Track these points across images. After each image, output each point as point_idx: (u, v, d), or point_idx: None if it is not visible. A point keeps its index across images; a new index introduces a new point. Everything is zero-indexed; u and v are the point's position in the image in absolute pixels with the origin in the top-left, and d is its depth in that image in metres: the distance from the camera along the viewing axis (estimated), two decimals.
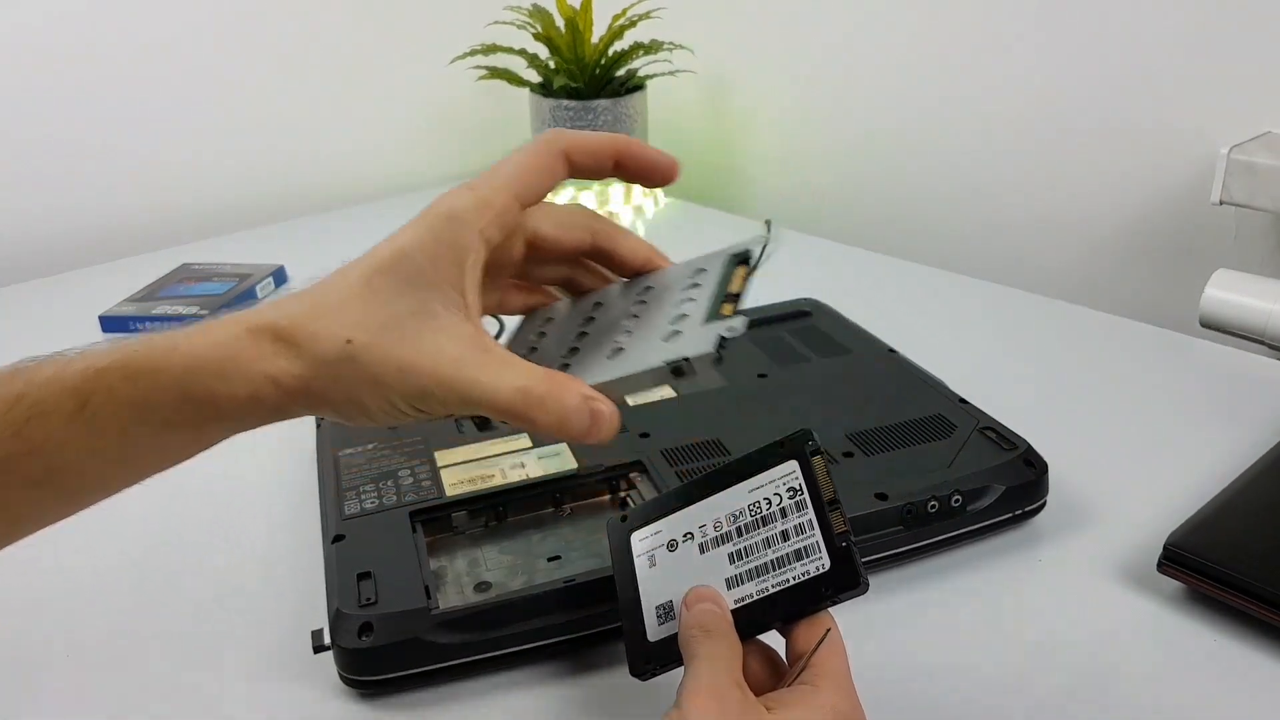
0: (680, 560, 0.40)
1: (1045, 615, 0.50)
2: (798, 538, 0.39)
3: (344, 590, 0.47)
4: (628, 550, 0.42)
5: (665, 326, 0.37)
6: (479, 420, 0.59)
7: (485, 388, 0.33)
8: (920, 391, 0.63)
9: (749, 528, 0.40)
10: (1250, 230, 0.88)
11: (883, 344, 0.71)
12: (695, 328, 0.36)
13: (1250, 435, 0.65)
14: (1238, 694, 0.45)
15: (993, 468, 0.54)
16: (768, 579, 0.38)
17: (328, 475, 0.57)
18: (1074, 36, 0.95)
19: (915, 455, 0.56)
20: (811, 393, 0.64)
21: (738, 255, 0.43)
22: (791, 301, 0.79)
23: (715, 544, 0.40)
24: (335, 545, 0.50)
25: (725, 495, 0.41)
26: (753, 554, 0.39)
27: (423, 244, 0.35)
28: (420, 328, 0.33)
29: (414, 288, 0.34)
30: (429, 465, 0.57)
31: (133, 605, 0.54)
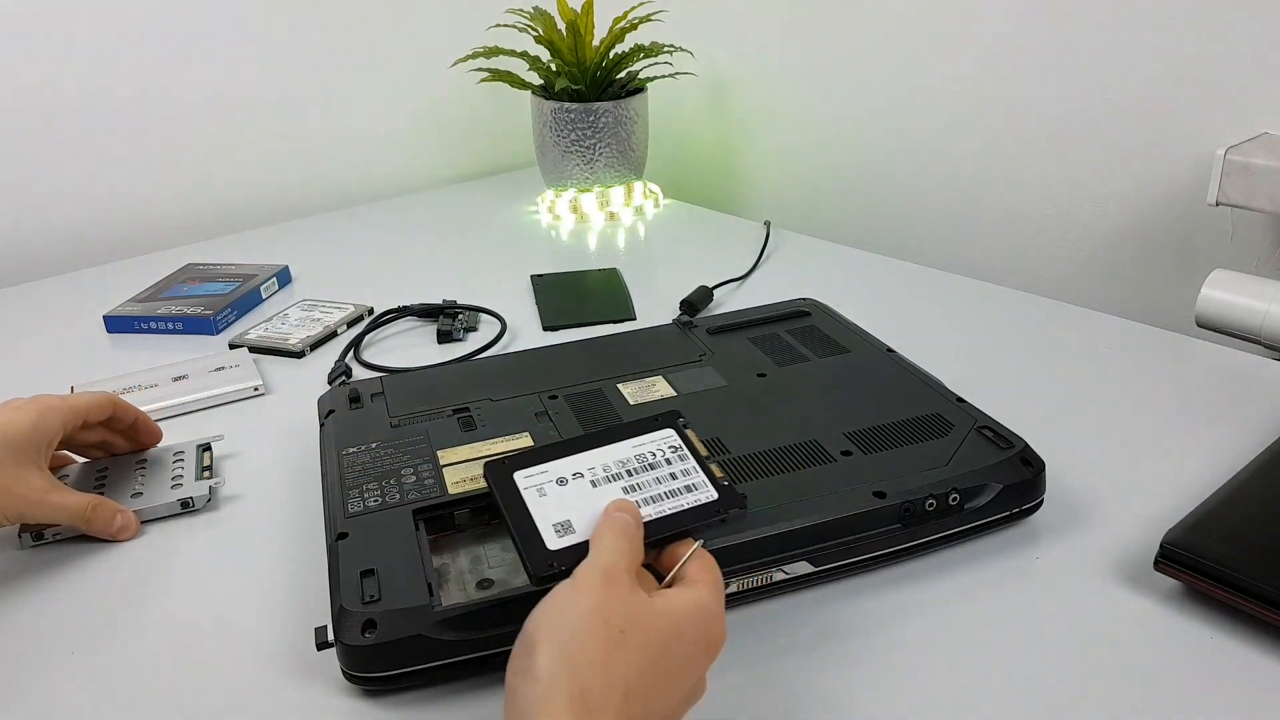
0: (572, 491, 0.45)
1: (1042, 613, 0.51)
2: (685, 478, 0.46)
3: (347, 587, 0.47)
4: (512, 483, 0.45)
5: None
6: (464, 421, 0.62)
7: (62, 505, 0.57)
8: (918, 391, 0.64)
9: (638, 470, 0.46)
10: (1247, 231, 0.89)
11: (881, 344, 0.71)
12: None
13: (1246, 434, 0.65)
14: (1234, 691, 0.46)
15: (990, 466, 0.55)
16: (664, 504, 0.44)
17: (331, 473, 0.58)
18: (1072, 39, 0.95)
19: (913, 454, 0.56)
20: (810, 392, 0.65)
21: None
22: (790, 302, 0.80)
23: (607, 481, 0.45)
24: (339, 543, 0.51)
25: (609, 449, 0.47)
26: (646, 488, 0.45)
27: (23, 426, 0.56)
28: (18, 474, 0.55)
29: (14, 455, 0.55)
30: (432, 464, 0.57)
31: (133, 602, 0.54)
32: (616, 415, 0.62)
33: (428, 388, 0.67)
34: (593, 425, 0.61)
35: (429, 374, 0.70)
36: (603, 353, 0.72)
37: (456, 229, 1.16)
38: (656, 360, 0.70)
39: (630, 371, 0.68)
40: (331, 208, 1.26)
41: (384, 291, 0.94)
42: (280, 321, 0.89)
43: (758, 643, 0.49)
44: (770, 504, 0.52)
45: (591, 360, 0.71)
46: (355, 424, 0.63)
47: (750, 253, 1.03)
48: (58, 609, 0.54)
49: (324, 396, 0.68)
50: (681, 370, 0.68)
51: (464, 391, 0.66)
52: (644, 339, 0.75)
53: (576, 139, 1.14)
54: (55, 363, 0.84)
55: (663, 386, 0.66)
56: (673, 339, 0.74)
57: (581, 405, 0.64)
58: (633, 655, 0.36)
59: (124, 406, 0.63)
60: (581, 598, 0.37)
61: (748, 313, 0.78)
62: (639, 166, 1.20)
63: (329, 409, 0.65)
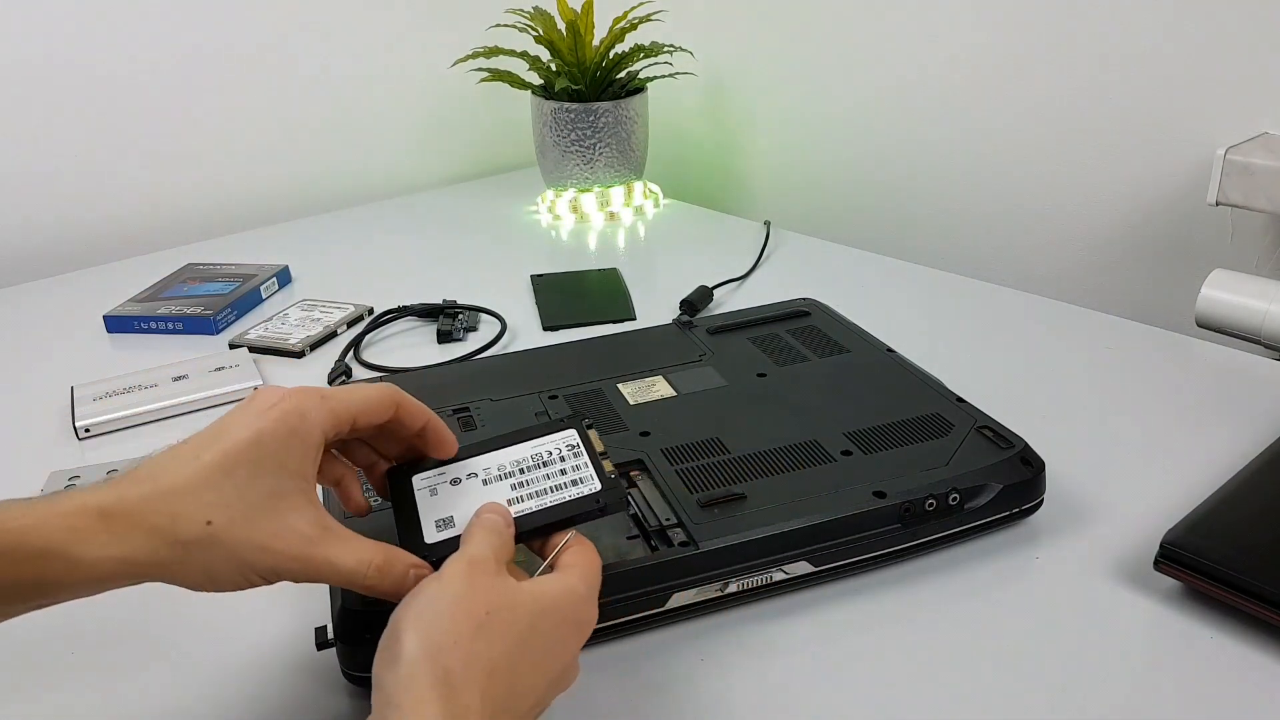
0: (462, 490, 0.46)
1: (1042, 613, 0.51)
2: (574, 473, 0.47)
3: None
4: (407, 485, 0.46)
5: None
6: (464, 421, 0.62)
7: (334, 563, 0.40)
8: (918, 391, 0.64)
9: (531, 468, 0.47)
10: (1246, 231, 0.89)
11: (881, 343, 0.71)
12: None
13: (1246, 434, 0.65)
14: (1234, 691, 0.46)
15: (989, 466, 0.55)
16: (547, 498, 0.45)
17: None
18: (1072, 39, 0.95)
19: (913, 454, 0.56)
20: (810, 391, 0.64)
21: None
22: (790, 301, 0.80)
23: (498, 479, 0.46)
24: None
25: (508, 450, 0.48)
26: (533, 484, 0.46)
27: (276, 434, 0.39)
28: (275, 509, 0.39)
29: (267, 473, 0.39)
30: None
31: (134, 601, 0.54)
32: (616, 415, 0.62)
33: (428, 387, 0.66)
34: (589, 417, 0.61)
35: (429, 374, 0.70)
36: (603, 353, 0.72)
37: (456, 229, 1.16)
38: (656, 360, 0.70)
39: (630, 372, 0.68)
40: (331, 208, 1.26)
41: (384, 291, 0.94)
42: (280, 321, 0.89)
43: (757, 643, 0.49)
44: (770, 504, 0.52)
45: (591, 360, 0.71)
46: None
47: (750, 253, 1.03)
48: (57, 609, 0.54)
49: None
50: (682, 370, 0.68)
51: (464, 391, 0.66)
52: (644, 339, 0.75)
53: (576, 139, 1.14)
54: (55, 363, 0.84)
55: (663, 386, 0.66)
56: (673, 339, 0.74)
57: (580, 405, 0.64)
58: (496, 636, 0.36)
59: (410, 408, 0.45)
60: (446, 586, 0.38)
61: (748, 313, 0.78)
62: (639, 166, 1.20)
63: None
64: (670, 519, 0.51)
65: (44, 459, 0.67)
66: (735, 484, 0.54)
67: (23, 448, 0.71)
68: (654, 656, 0.48)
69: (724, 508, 0.52)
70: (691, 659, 0.48)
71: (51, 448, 0.70)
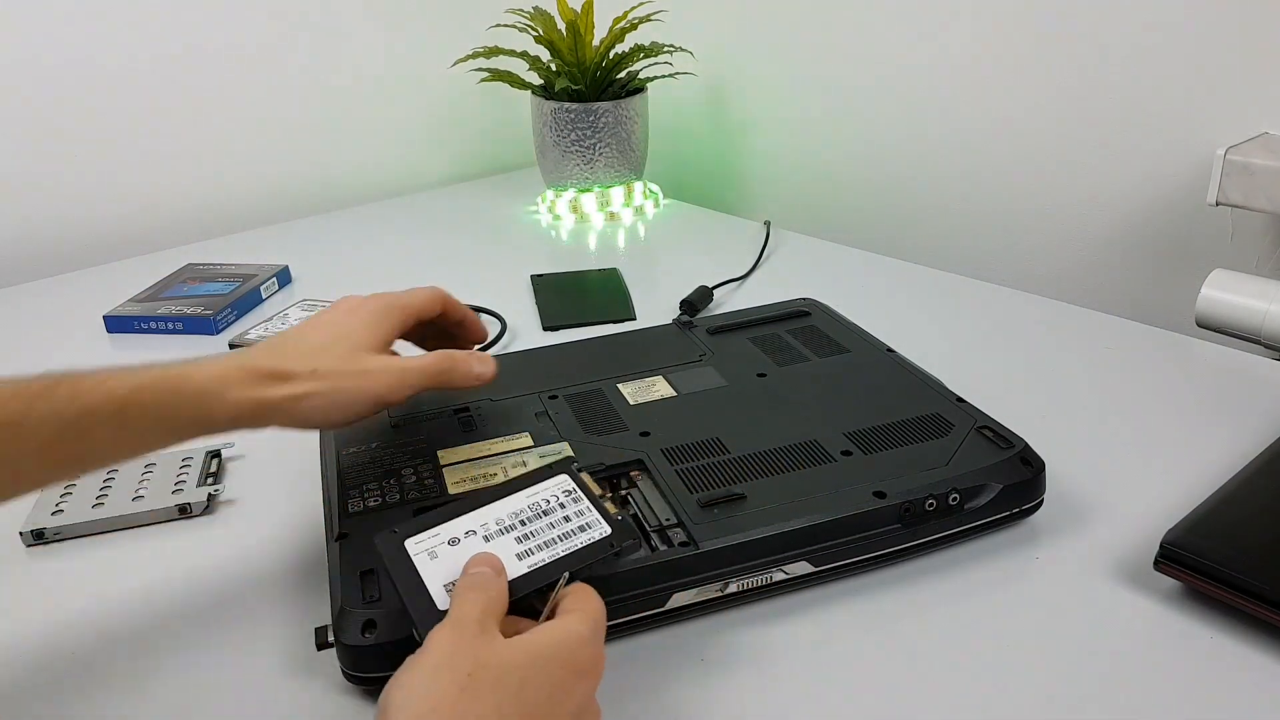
0: (465, 550, 0.44)
1: (1042, 613, 0.51)
2: (579, 519, 0.46)
3: (347, 588, 0.47)
4: (402, 553, 0.44)
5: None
6: (464, 421, 0.62)
7: (421, 368, 0.53)
8: (918, 391, 0.64)
9: (531, 519, 0.46)
10: (1247, 231, 0.89)
11: (881, 343, 0.71)
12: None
13: (1246, 434, 0.65)
14: (1234, 691, 0.46)
15: (990, 466, 0.55)
16: (557, 547, 0.45)
17: (331, 473, 0.58)
18: (1072, 39, 0.95)
19: (913, 454, 0.56)
20: (810, 392, 0.64)
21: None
22: (790, 301, 0.80)
23: (499, 534, 0.45)
24: (339, 543, 0.51)
25: (501, 503, 0.47)
26: (539, 535, 0.45)
27: (363, 326, 0.55)
28: (374, 360, 0.53)
29: (362, 351, 0.54)
30: (432, 464, 0.57)
31: (134, 600, 0.54)
32: (616, 415, 0.62)
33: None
34: (592, 425, 0.61)
35: None
36: (603, 353, 0.72)
37: (456, 229, 1.16)
38: (656, 360, 0.70)
39: (630, 372, 0.68)
40: (331, 208, 1.26)
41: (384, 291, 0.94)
42: (280, 321, 0.89)
43: (758, 643, 0.49)
44: (770, 504, 0.52)
45: (591, 360, 0.70)
46: (358, 428, 0.61)
47: (750, 253, 1.03)
48: (57, 609, 0.54)
49: None
50: (681, 370, 0.68)
51: (463, 391, 0.65)
52: (644, 339, 0.75)
53: (576, 139, 1.14)
54: (55, 363, 0.84)
55: (663, 386, 0.66)
56: (673, 339, 0.74)
57: (581, 405, 0.63)
58: (484, 696, 0.36)
59: (452, 304, 0.61)
60: (426, 656, 0.37)
61: (748, 312, 0.78)
62: (639, 166, 1.20)
63: None
64: (670, 519, 0.51)
65: None
66: (735, 484, 0.54)
67: None
68: (654, 657, 0.48)
69: (724, 508, 0.52)
70: (691, 660, 0.48)
71: None
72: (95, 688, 0.48)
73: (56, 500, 0.61)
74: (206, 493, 0.62)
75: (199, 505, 0.61)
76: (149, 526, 0.60)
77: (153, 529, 0.60)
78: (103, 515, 0.60)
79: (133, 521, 0.60)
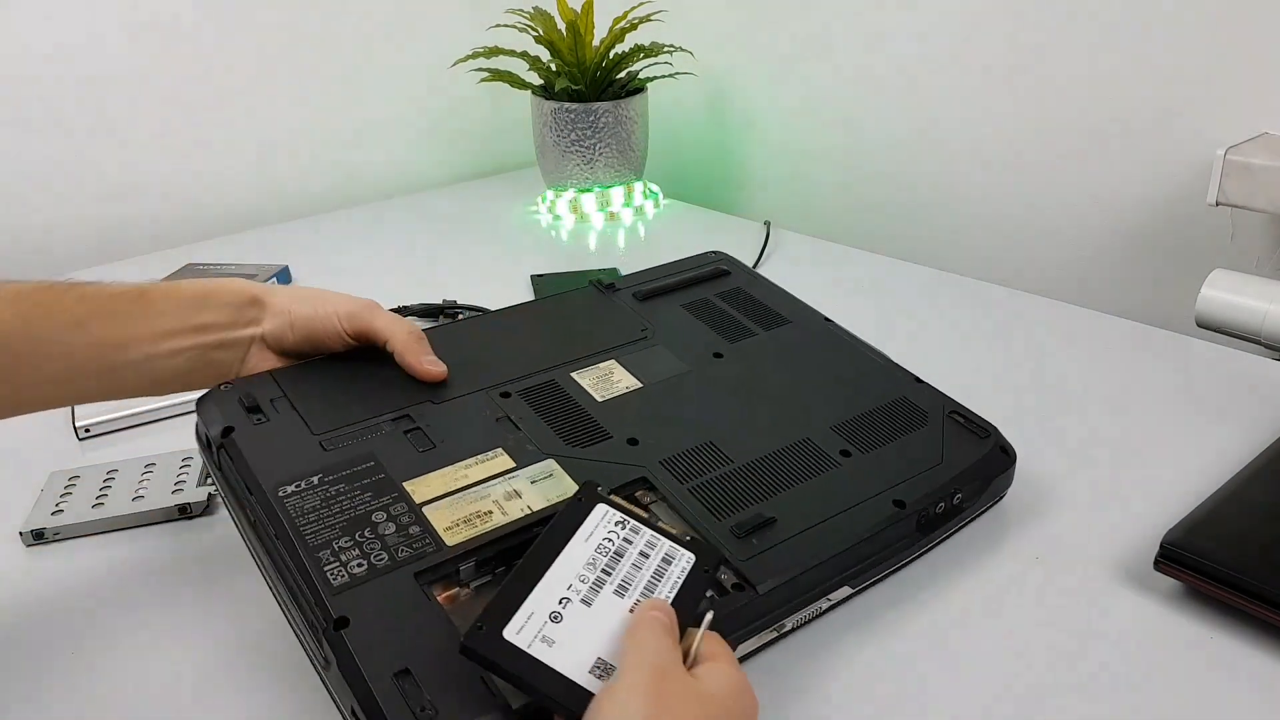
0: (575, 622, 0.40)
1: (1043, 613, 0.51)
2: (655, 551, 0.43)
3: (389, 702, 0.38)
4: (511, 648, 0.38)
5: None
6: (413, 436, 0.53)
7: (394, 318, 0.58)
8: (874, 370, 0.63)
9: (611, 565, 0.42)
10: (1247, 231, 0.89)
11: (814, 311, 0.69)
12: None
13: (1246, 434, 0.65)
14: (1234, 691, 0.46)
15: (980, 461, 0.55)
16: (661, 589, 0.41)
17: (278, 526, 0.45)
18: (1072, 38, 0.95)
19: (906, 450, 0.56)
20: (774, 377, 0.61)
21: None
22: (698, 258, 0.75)
23: (594, 591, 0.41)
24: (340, 634, 0.40)
25: (564, 557, 0.42)
26: (633, 580, 0.42)
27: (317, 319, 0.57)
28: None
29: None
30: (405, 503, 0.47)
31: (133, 601, 0.54)
32: (589, 417, 0.56)
33: (338, 385, 0.56)
34: (565, 429, 0.55)
35: (330, 367, 0.57)
36: (532, 328, 0.65)
37: (456, 229, 1.16)
38: (599, 339, 0.63)
39: (578, 356, 0.61)
40: (331, 208, 1.26)
41: (384, 291, 0.93)
42: None
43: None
44: (800, 525, 0.49)
45: (525, 338, 0.63)
46: (272, 447, 0.50)
47: (750, 253, 1.03)
48: (57, 609, 0.54)
49: (207, 407, 0.53)
50: (632, 352, 0.62)
51: (387, 389, 0.56)
52: (569, 309, 0.68)
53: (576, 139, 1.14)
54: None
55: (622, 375, 0.60)
56: (602, 308, 0.67)
57: (542, 405, 0.56)
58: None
59: (377, 328, 0.58)
60: (642, 703, 0.35)
61: (664, 271, 0.73)
62: (639, 166, 1.20)
63: (224, 426, 0.51)
64: None
65: (44, 459, 0.67)
66: (755, 502, 0.51)
67: (23, 448, 0.71)
68: None
69: (759, 535, 0.48)
70: None
71: (51, 448, 0.70)
72: (95, 688, 0.48)
73: (56, 500, 0.61)
74: (206, 493, 0.62)
75: (199, 505, 0.61)
76: (149, 526, 0.60)
77: (153, 529, 0.60)
78: (103, 515, 0.60)
79: (133, 521, 0.60)
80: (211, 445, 0.52)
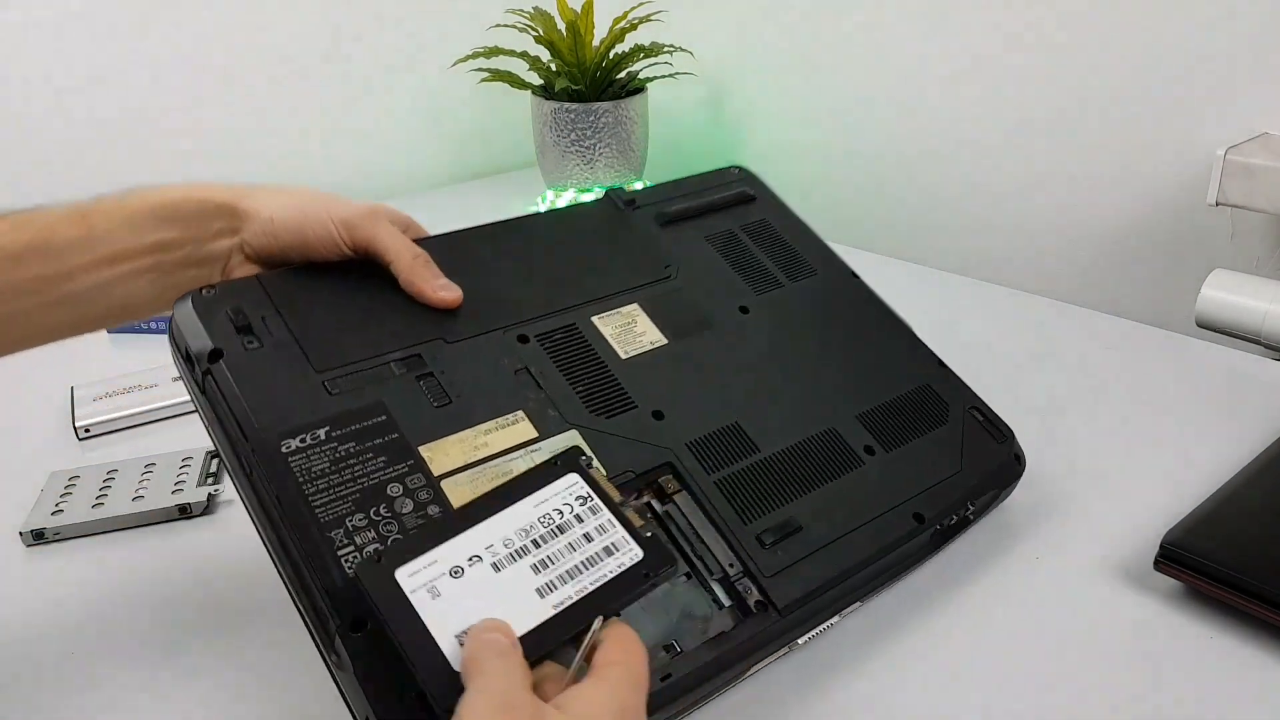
0: (472, 584, 0.36)
1: (1042, 613, 0.51)
2: (601, 536, 0.39)
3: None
4: (394, 589, 0.36)
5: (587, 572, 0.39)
6: (429, 386, 0.48)
7: (400, 236, 0.52)
8: (899, 346, 0.61)
9: (546, 538, 0.38)
10: (1247, 231, 0.89)
11: (840, 262, 0.67)
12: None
13: (1246, 434, 0.65)
14: (1234, 691, 0.46)
15: (996, 469, 0.55)
16: (584, 578, 0.37)
17: (285, 496, 0.41)
18: (1072, 39, 0.95)
19: (927, 450, 0.54)
20: (799, 343, 0.58)
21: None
22: (720, 173, 0.69)
23: (511, 559, 0.37)
24: (357, 637, 0.37)
25: (505, 515, 0.39)
26: (559, 560, 0.38)
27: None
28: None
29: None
30: (423, 475, 0.43)
31: (133, 602, 0.54)
32: (613, 379, 0.51)
33: (337, 304, 0.50)
34: (588, 391, 0.50)
35: (324, 277, 0.51)
36: (540, 248, 0.59)
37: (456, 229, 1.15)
38: (617, 271, 0.58)
39: (596, 294, 0.56)
40: None
41: None
42: None
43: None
44: (822, 533, 0.48)
45: (529, 261, 0.57)
46: (269, 384, 0.44)
47: None
48: (57, 609, 0.54)
49: (185, 315, 0.46)
50: (655, 294, 0.57)
51: (392, 315, 0.50)
52: (588, 228, 0.61)
53: (576, 139, 1.14)
54: (55, 363, 0.84)
55: (646, 325, 0.55)
56: (618, 228, 0.61)
57: (565, 358, 0.52)
58: None
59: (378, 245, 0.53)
60: None
61: (684, 189, 0.66)
62: (639, 166, 1.20)
63: (212, 347, 0.45)
64: (733, 564, 0.45)
65: (44, 459, 0.67)
66: (782, 503, 0.49)
67: (23, 448, 0.71)
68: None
69: (785, 545, 0.47)
70: None
71: (51, 448, 0.70)
72: (94, 688, 0.48)
73: (56, 500, 0.61)
74: (206, 493, 0.62)
75: (199, 505, 0.61)
76: (149, 527, 0.60)
77: (153, 529, 0.60)
78: (102, 515, 0.60)
79: (132, 522, 0.60)
80: (194, 363, 0.45)
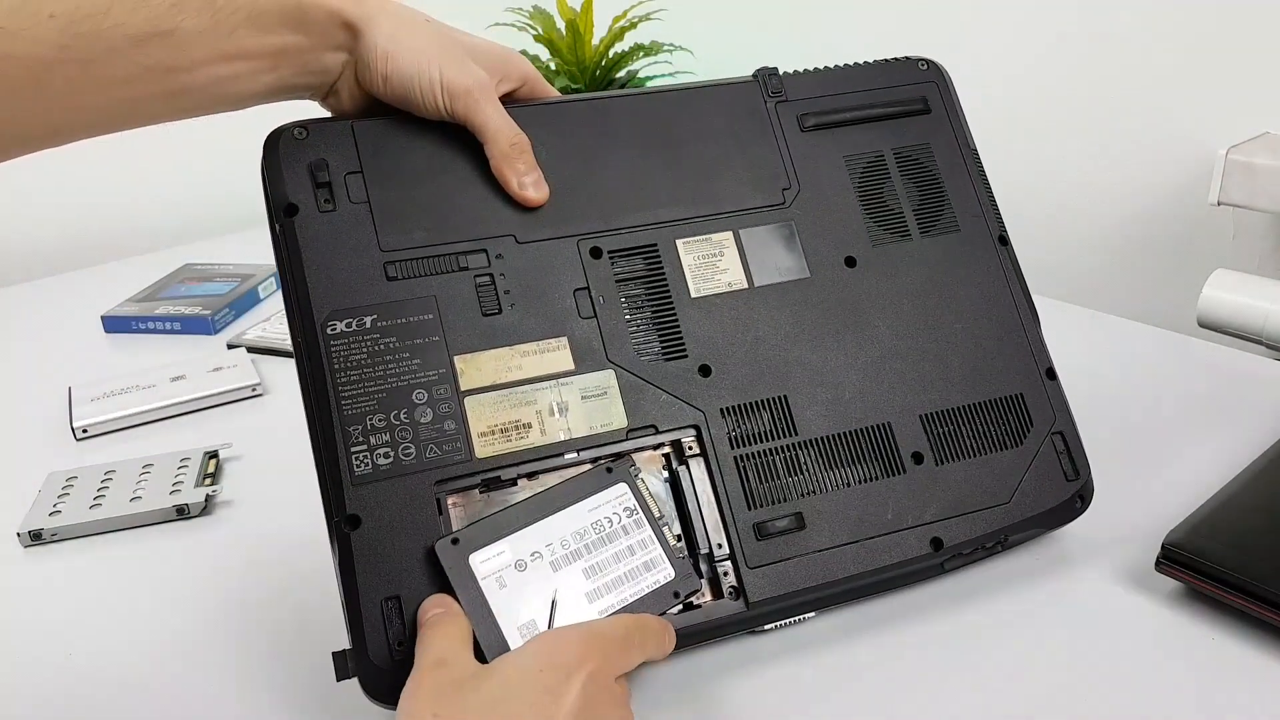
0: (532, 579, 0.42)
1: (1043, 613, 0.51)
2: (642, 552, 0.45)
3: (373, 629, 0.40)
4: (468, 573, 0.42)
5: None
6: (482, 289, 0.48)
7: (506, 116, 0.49)
8: (1011, 342, 0.55)
9: (595, 545, 0.44)
10: (1248, 230, 0.89)
11: (995, 220, 0.60)
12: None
13: (1248, 435, 0.65)
14: (1236, 692, 0.45)
15: (1048, 510, 0.52)
16: (625, 590, 0.43)
17: (317, 377, 0.44)
18: (1073, 38, 0.95)
19: (981, 474, 0.51)
20: (899, 312, 0.53)
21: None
22: (906, 68, 0.59)
23: (567, 561, 0.43)
24: (352, 534, 0.41)
25: (564, 516, 0.44)
26: (606, 569, 0.44)
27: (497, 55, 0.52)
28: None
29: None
30: (450, 387, 0.44)
31: (132, 602, 0.54)
32: (673, 319, 0.49)
33: (421, 173, 0.48)
34: (643, 325, 0.49)
35: (420, 138, 0.49)
36: (653, 134, 0.52)
37: None
38: (727, 184, 0.52)
39: (692, 214, 0.51)
40: None
41: None
42: (278, 321, 0.89)
43: (759, 649, 0.49)
44: (827, 540, 0.48)
45: (635, 151, 0.52)
46: (335, 252, 0.46)
47: None
48: (55, 610, 0.54)
49: (273, 158, 0.47)
50: (758, 223, 0.52)
51: (472, 199, 0.48)
52: (712, 112, 0.54)
53: None
54: (53, 363, 0.84)
55: (732, 261, 0.51)
56: (752, 124, 0.54)
57: (632, 283, 0.49)
58: None
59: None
60: (410, 702, 0.36)
61: (855, 83, 0.57)
62: None
63: (289, 202, 0.46)
64: (721, 544, 0.46)
65: (42, 459, 0.67)
66: (796, 497, 0.48)
67: (21, 448, 0.70)
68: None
69: (781, 541, 0.47)
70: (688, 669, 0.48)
71: (50, 448, 0.70)
72: (93, 689, 0.48)
73: (54, 501, 0.61)
74: (204, 493, 0.62)
75: (197, 506, 0.61)
76: (147, 527, 0.60)
77: (151, 530, 0.60)
78: (100, 516, 0.60)
79: (130, 522, 0.60)
80: (274, 211, 0.47)
